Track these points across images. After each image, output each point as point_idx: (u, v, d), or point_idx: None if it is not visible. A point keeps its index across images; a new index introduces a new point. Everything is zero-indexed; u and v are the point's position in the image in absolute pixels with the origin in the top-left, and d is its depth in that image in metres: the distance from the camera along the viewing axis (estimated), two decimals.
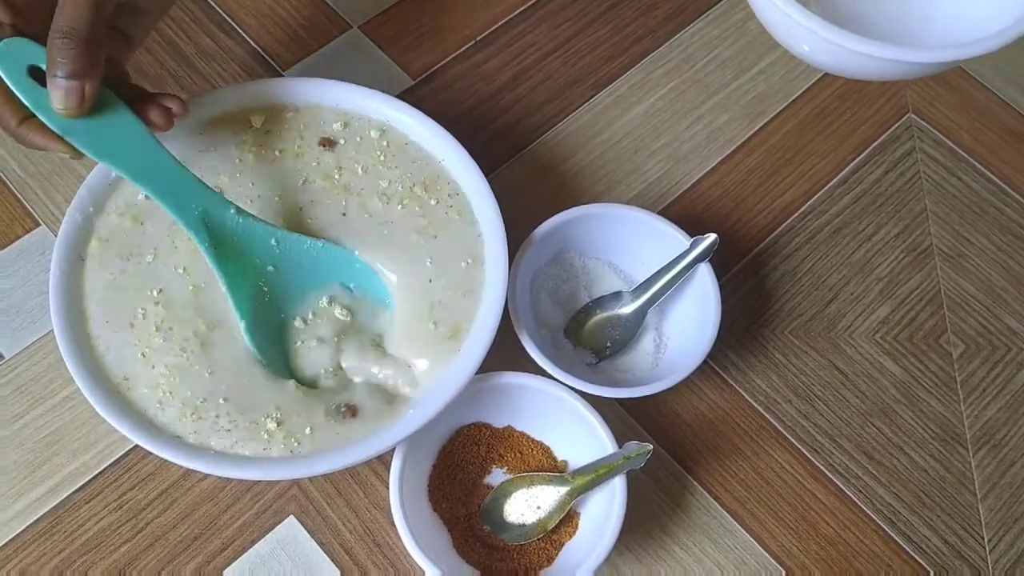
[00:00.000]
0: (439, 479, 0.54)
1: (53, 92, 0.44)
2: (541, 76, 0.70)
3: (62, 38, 0.43)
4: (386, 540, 0.54)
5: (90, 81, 0.44)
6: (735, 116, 0.70)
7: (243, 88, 0.57)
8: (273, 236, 0.52)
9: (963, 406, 0.60)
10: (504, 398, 0.54)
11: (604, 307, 0.59)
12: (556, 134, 0.68)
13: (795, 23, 0.45)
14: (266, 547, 0.53)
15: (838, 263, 0.64)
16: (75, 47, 0.43)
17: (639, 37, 0.73)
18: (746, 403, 0.59)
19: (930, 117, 0.70)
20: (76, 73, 0.44)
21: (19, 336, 0.58)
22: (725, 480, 0.57)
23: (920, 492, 0.58)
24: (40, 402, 0.56)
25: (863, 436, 0.59)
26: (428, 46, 0.71)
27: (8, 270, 0.60)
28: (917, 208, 0.67)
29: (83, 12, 0.43)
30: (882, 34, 0.49)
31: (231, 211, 0.51)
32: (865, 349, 0.62)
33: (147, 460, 0.55)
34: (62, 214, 0.58)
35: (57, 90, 0.44)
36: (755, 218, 0.66)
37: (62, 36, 0.43)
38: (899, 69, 0.47)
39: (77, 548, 0.53)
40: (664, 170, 0.67)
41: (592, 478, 0.50)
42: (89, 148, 0.47)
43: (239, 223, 0.51)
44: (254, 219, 0.52)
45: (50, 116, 0.45)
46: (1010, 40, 0.44)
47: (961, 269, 0.65)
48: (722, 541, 0.56)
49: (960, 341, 0.62)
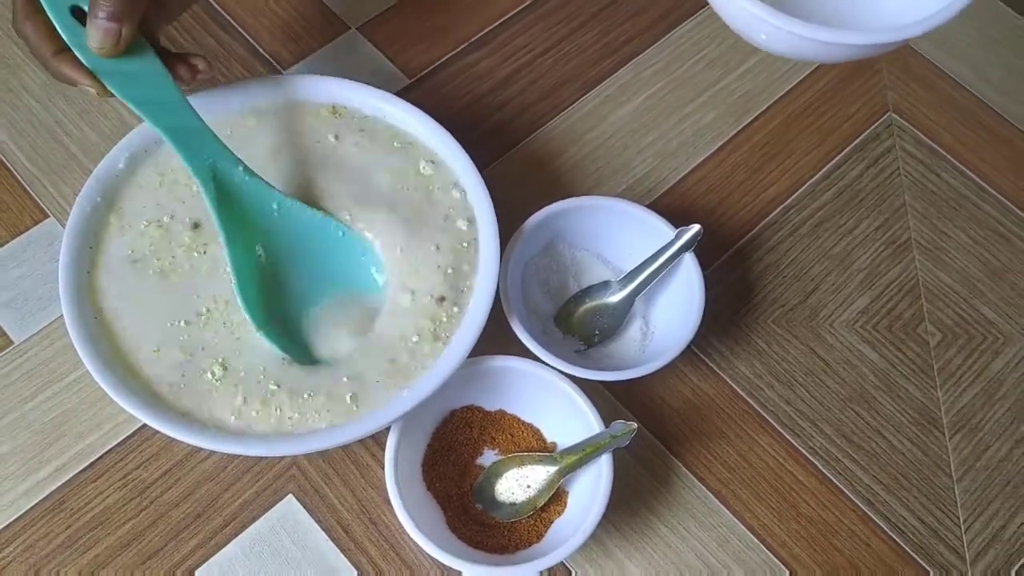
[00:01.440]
0: (433, 459, 0.56)
1: (92, 31, 0.48)
2: (533, 76, 0.72)
3: None
4: (381, 518, 0.56)
5: (127, 24, 0.48)
6: (721, 114, 0.72)
7: (244, 84, 0.60)
8: (275, 200, 0.54)
9: (940, 392, 0.62)
10: (496, 382, 0.56)
11: (593, 296, 0.61)
12: (548, 132, 0.70)
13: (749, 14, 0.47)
14: (266, 524, 0.55)
15: (820, 255, 0.67)
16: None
17: (628, 39, 0.75)
18: (730, 388, 0.62)
19: (910, 116, 0.73)
20: (116, 15, 0.47)
21: (28, 322, 0.60)
22: (709, 462, 0.59)
23: (898, 474, 0.60)
24: (48, 385, 0.58)
25: (842, 420, 0.61)
26: (424, 46, 0.73)
27: (17, 260, 0.62)
28: (897, 203, 0.69)
29: None
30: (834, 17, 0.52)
31: (240, 168, 0.53)
32: (845, 338, 0.64)
33: (152, 440, 0.57)
34: (70, 206, 0.60)
35: (96, 30, 0.47)
36: (740, 212, 0.68)
37: None
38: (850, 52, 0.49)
39: (83, 525, 0.55)
40: (652, 166, 0.69)
41: (580, 457, 0.52)
42: (116, 87, 0.49)
43: (245, 180, 0.53)
44: (260, 180, 0.54)
45: (85, 53, 0.49)
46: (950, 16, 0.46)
47: (939, 261, 0.67)
48: (706, 520, 0.58)
49: (937, 330, 0.65)
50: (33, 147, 0.66)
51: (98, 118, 0.67)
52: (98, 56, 0.48)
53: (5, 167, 0.65)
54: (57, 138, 0.66)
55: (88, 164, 0.65)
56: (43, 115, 0.67)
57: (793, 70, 0.74)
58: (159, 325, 0.52)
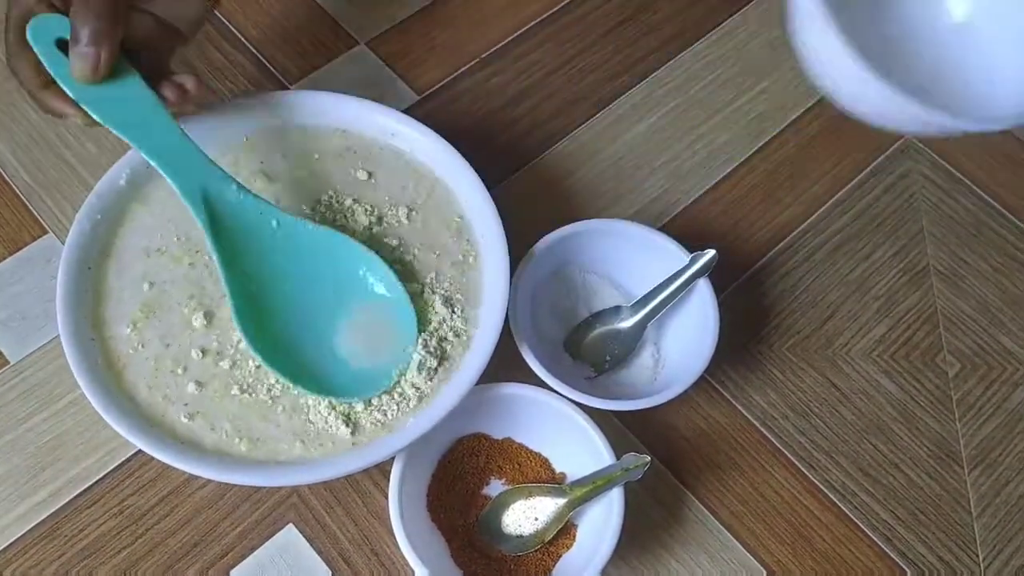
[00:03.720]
0: (438, 489, 0.54)
1: (72, 60, 0.47)
2: (545, 94, 0.71)
3: (81, 8, 0.46)
4: (384, 549, 0.54)
5: (106, 49, 0.47)
6: (736, 135, 0.70)
7: (250, 100, 0.58)
8: (273, 217, 0.52)
9: (959, 425, 0.61)
10: (503, 409, 0.55)
11: (603, 321, 0.59)
12: (559, 150, 0.69)
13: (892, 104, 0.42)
14: (265, 554, 0.54)
15: (836, 281, 0.65)
16: (92, 17, 0.46)
17: (641, 57, 0.74)
18: (743, 418, 0.60)
19: (928, 139, 0.71)
20: (93, 41, 0.46)
21: (25, 341, 0.59)
22: (722, 494, 0.58)
23: (916, 510, 0.58)
24: (44, 407, 0.57)
25: (859, 453, 0.59)
26: (433, 63, 0.72)
27: (15, 276, 0.61)
28: (914, 228, 0.68)
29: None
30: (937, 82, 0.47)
31: (233, 186, 0.51)
32: (862, 367, 0.62)
33: (148, 466, 0.55)
34: (69, 222, 0.59)
35: (76, 58, 0.47)
36: (754, 236, 0.66)
37: (81, 6, 0.46)
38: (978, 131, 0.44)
39: (77, 553, 0.53)
40: (665, 187, 0.68)
41: (590, 489, 0.51)
42: (100, 114, 0.49)
43: (240, 200, 0.51)
44: (256, 198, 0.52)
45: (68, 82, 0.48)
46: None
47: (957, 289, 0.65)
48: (718, 555, 0.56)
49: (956, 360, 0.63)
50: (33, 160, 0.65)
51: (100, 132, 0.65)
52: (80, 84, 0.48)
53: (3, 180, 0.64)
54: (57, 152, 0.65)
55: (89, 179, 0.64)
56: (43, 128, 0.66)
57: (809, 91, 0.73)
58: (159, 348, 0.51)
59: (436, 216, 0.57)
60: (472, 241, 0.56)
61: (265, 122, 0.58)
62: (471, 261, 0.55)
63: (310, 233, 0.53)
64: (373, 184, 0.57)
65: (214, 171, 0.51)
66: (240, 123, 0.58)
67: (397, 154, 0.58)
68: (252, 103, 0.58)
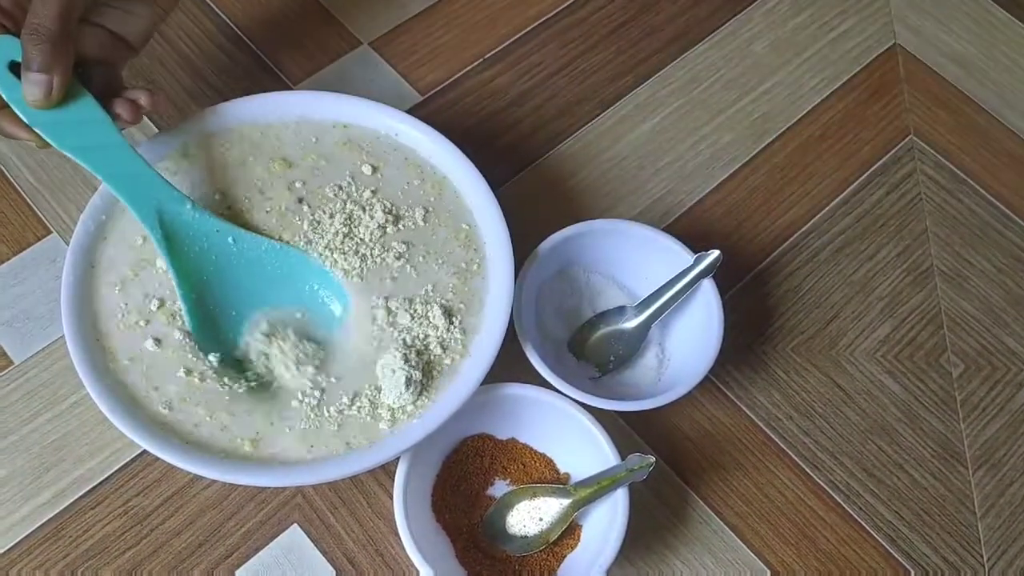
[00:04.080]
0: (442, 489, 0.54)
1: (24, 85, 0.48)
2: (548, 94, 0.71)
3: (31, 34, 0.46)
4: (388, 549, 0.54)
5: (58, 75, 0.47)
6: (739, 136, 0.70)
7: (253, 100, 0.58)
8: (230, 234, 0.53)
9: (963, 425, 0.61)
10: (508, 410, 0.55)
11: (608, 321, 0.59)
12: (562, 151, 0.69)
13: None
14: (270, 555, 0.54)
15: (840, 282, 0.65)
16: (43, 43, 0.46)
17: (644, 58, 0.74)
18: (747, 419, 0.60)
19: (931, 139, 0.71)
20: (44, 67, 0.47)
21: (29, 342, 0.58)
22: (726, 495, 0.58)
23: (920, 510, 0.58)
24: (49, 407, 0.57)
25: (863, 453, 0.59)
26: (437, 63, 0.72)
27: (19, 277, 0.61)
28: (918, 229, 0.68)
29: (51, 11, 0.46)
30: None
31: (187, 206, 0.52)
32: (866, 367, 0.62)
33: (153, 466, 0.55)
34: (73, 222, 0.59)
35: (28, 83, 0.47)
36: (758, 236, 0.66)
37: (31, 32, 0.46)
38: None
39: (81, 553, 0.53)
40: (668, 188, 0.68)
41: (595, 490, 0.51)
42: (53, 137, 0.49)
43: (196, 219, 0.52)
44: (210, 215, 0.53)
45: (21, 106, 0.48)
46: None
47: (961, 290, 0.65)
48: (723, 556, 0.56)
49: (960, 361, 0.63)
50: (37, 161, 0.65)
51: None
52: (33, 109, 0.48)
53: (7, 180, 0.64)
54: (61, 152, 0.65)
55: (93, 180, 0.63)
56: None
57: (812, 91, 0.73)
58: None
59: (445, 220, 0.56)
60: (478, 248, 0.56)
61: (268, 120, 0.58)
62: (475, 268, 0.55)
63: (266, 249, 0.54)
64: (378, 185, 0.57)
65: (169, 191, 0.52)
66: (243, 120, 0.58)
67: (400, 154, 0.58)
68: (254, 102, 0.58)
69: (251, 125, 0.58)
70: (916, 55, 0.75)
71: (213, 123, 0.57)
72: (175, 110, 0.67)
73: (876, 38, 0.76)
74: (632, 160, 0.69)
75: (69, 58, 0.48)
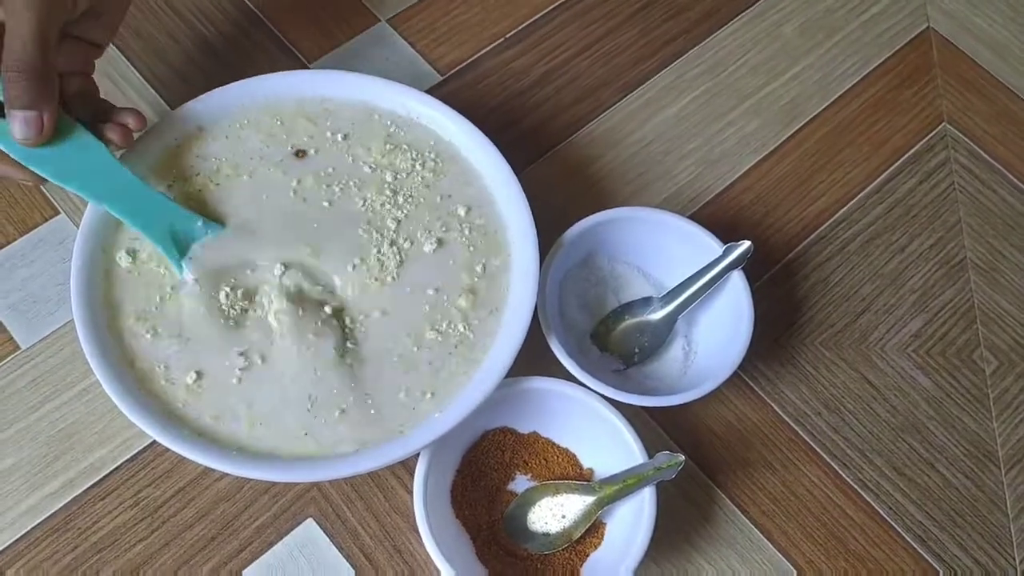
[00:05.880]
0: (463, 485, 0.53)
1: (12, 123, 0.45)
2: (571, 75, 0.69)
3: (13, 72, 0.44)
4: (406, 546, 0.53)
5: (47, 110, 0.45)
6: (767, 121, 0.68)
7: (268, 80, 0.56)
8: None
9: (995, 423, 0.59)
10: (530, 403, 0.53)
11: (633, 312, 0.57)
12: (586, 134, 0.67)
13: None
14: (284, 550, 0.52)
15: (870, 274, 0.63)
16: (26, 79, 0.44)
17: (670, 39, 0.71)
18: (775, 415, 0.58)
19: (965, 127, 0.69)
20: (31, 104, 0.45)
21: (36, 326, 0.57)
22: (753, 493, 0.56)
23: (951, 511, 0.56)
24: (57, 394, 0.55)
25: (894, 452, 0.58)
26: (457, 41, 0.70)
27: (27, 259, 0.59)
28: (951, 220, 0.65)
29: (29, 47, 0.44)
30: None
31: (199, 223, 0.51)
32: (897, 363, 0.60)
33: (164, 457, 0.54)
34: (82, 203, 0.58)
35: (15, 121, 0.45)
36: (786, 225, 0.64)
37: (12, 71, 0.44)
38: None
39: (91, 546, 0.51)
40: (695, 174, 0.66)
41: (620, 488, 0.49)
42: (49, 173, 0.47)
43: (207, 235, 0.51)
44: (221, 229, 0.51)
45: (10, 145, 0.46)
46: None
47: (995, 283, 0.63)
48: (749, 555, 0.54)
49: (993, 357, 0.61)
50: None
51: None
52: (24, 147, 0.46)
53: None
54: None
55: None
56: None
57: (844, 75, 0.71)
58: None
59: (461, 202, 0.55)
60: (502, 236, 0.54)
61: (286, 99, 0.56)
62: (498, 257, 0.53)
63: None
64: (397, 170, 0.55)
65: (177, 211, 0.51)
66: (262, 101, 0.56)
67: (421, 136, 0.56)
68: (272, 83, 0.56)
69: (264, 105, 0.56)
70: (950, 39, 0.73)
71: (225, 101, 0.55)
72: (187, 87, 0.65)
73: (909, 21, 0.74)
74: (657, 145, 0.67)
75: (55, 89, 0.46)
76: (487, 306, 0.52)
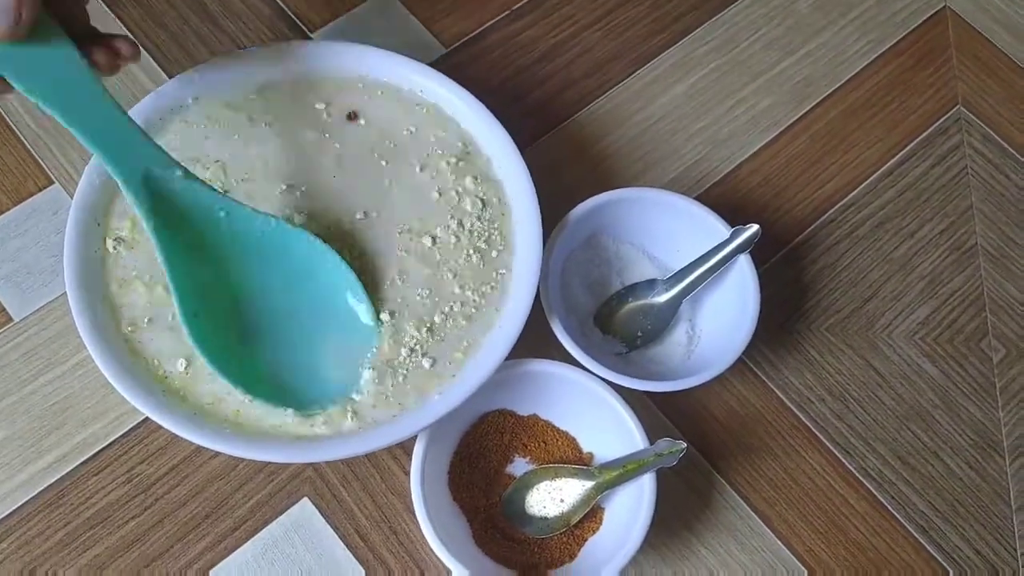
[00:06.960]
0: (460, 467, 0.52)
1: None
2: (579, 49, 0.67)
3: None
4: (402, 527, 0.52)
5: (27, 2, 0.40)
6: (778, 100, 0.67)
7: (267, 50, 0.55)
8: (223, 208, 0.46)
9: (1001, 413, 0.58)
10: (530, 385, 0.52)
11: (637, 295, 0.56)
12: (593, 111, 0.65)
13: None
14: (279, 529, 0.52)
15: (879, 259, 0.62)
16: None
17: (681, 14, 0.70)
18: (778, 400, 0.57)
19: (980, 110, 0.68)
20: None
21: (29, 298, 0.56)
22: (754, 480, 0.55)
23: (955, 501, 0.56)
24: (50, 368, 0.54)
25: (898, 440, 0.57)
26: (462, 13, 0.68)
27: (20, 229, 0.58)
28: (963, 205, 0.64)
29: None
30: None
31: (178, 173, 0.45)
32: (903, 350, 0.59)
33: (158, 433, 0.53)
34: (77, 172, 0.56)
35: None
36: (795, 208, 0.63)
37: None
38: None
39: (83, 522, 0.51)
40: (703, 153, 0.64)
41: (620, 473, 0.48)
42: (20, 80, 0.42)
43: (185, 187, 0.45)
44: (201, 184, 0.46)
45: None
46: None
47: (1006, 271, 0.62)
48: (749, 543, 0.54)
49: (1001, 345, 0.60)
50: None
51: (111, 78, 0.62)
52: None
53: (7, 126, 0.61)
54: None
55: None
56: None
57: (857, 55, 0.69)
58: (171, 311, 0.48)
59: (462, 179, 0.53)
60: (505, 214, 0.53)
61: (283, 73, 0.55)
62: (500, 236, 0.52)
63: (260, 224, 0.48)
64: (396, 146, 0.54)
65: (156, 152, 0.45)
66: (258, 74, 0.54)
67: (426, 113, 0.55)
68: (270, 53, 0.55)
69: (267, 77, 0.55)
70: (967, 20, 0.71)
71: (226, 73, 0.54)
72: (186, 57, 0.64)
73: (925, 0, 0.72)
74: (665, 123, 0.65)
75: None
76: (488, 285, 0.51)
